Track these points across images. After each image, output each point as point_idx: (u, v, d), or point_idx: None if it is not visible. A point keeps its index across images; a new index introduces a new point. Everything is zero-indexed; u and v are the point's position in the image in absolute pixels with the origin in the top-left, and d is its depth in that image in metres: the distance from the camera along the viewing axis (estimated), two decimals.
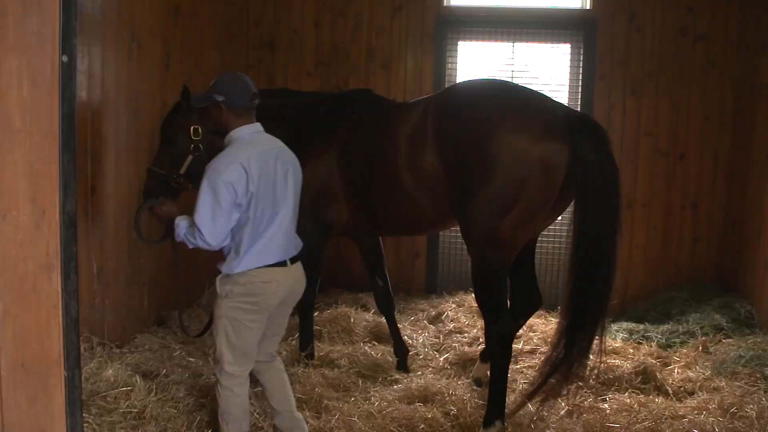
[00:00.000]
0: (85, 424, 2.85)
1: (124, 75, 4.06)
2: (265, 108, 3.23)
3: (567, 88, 5.97)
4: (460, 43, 6.15)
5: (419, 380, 3.91)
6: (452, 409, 3.48)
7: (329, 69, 6.29)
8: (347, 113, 4.06)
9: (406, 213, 3.71)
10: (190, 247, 2.83)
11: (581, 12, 5.92)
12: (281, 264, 2.89)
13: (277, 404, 3.08)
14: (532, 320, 5.22)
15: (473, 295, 5.58)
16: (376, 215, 3.87)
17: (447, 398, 3.62)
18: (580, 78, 5.89)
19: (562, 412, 3.54)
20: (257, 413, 3.39)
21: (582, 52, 5.89)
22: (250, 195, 2.75)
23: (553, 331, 4.87)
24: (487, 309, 3.33)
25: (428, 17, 6.08)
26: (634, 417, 3.42)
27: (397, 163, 3.58)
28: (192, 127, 3.59)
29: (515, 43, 6.03)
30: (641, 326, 5.11)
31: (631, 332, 5.03)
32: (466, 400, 3.57)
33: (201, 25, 5.28)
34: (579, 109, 5.87)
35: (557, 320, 5.09)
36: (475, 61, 6.16)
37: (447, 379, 4.03)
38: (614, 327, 5.18)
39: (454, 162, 3.32)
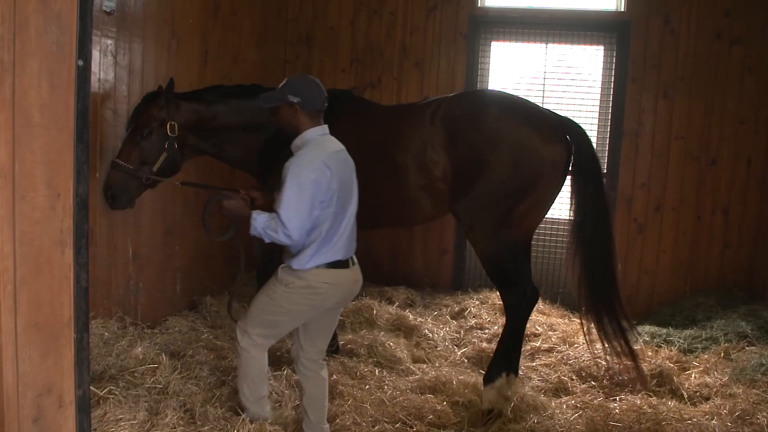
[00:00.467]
0: (112, 396, 3.08)
1: (164, 70, 4.28)
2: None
3: (599, 90, 5.97)
4: (493, 43, 6.21)
5: (434, 372, 4.03)
6: (460, 400, 3.58)
7: (363, 66, 6.44)
8: (336, 112, 3.88)
9: (405, 209, 3.90)
10: (267, 240, 2.88)
11: (615, 14, 5.91)
12: (344, 264, 2.99)
13: (312, 413, 3.13)
14: (553, 320, 5.30)
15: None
16: (371, 212, 3.80)
17: (457, 390, 3.74)
18: (612, 80, 5.89)
19: (568, 408, 3.61)
20: (276, 393, 3.56)
21: (615, 54, 5.89)
22: (332, 192, 2.84)
23: (573, 331, 4.96)
24: (502, 284, 3.74)
25: (462, 17, 6.16)
26: (638, 418, 3.46)
27: (406, 164, 3.75)
28: (169, 123, 3.64)
29: (548, 44, 6.06)
30: (664, 330, 5.11)
31: (653, 336, 5.04)
32: (475, 392, 3.67)
33: (239, 22, 5.49)
34: (611, 111, 5.89)
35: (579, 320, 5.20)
36: (508, 62, 6.22)
37: (463, 373, 4.13)
38: (636, 330, 5.20)
39: (471, 163, 3.61)
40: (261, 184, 4.02)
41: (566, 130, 3.71)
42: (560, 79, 6.03)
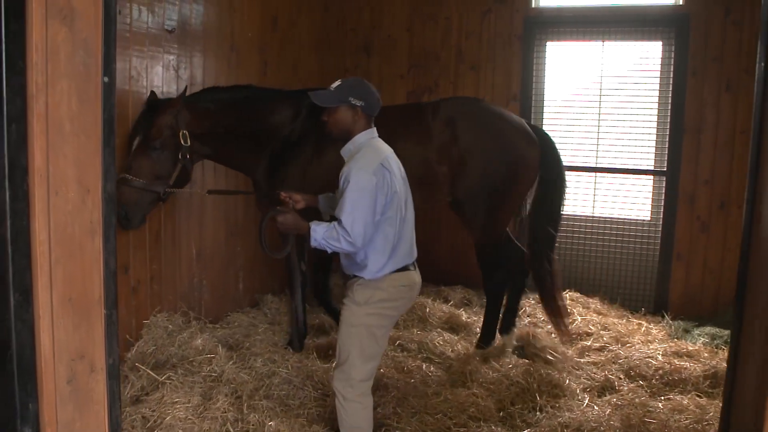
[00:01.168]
0: (170, 381, 3.38)
1: (224, 81, 4.59)
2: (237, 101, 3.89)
3: (657, 86, 5.87)
4: (548, 43, 6.22)
5: (482, 369, 4.11)
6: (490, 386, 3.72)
7: (421, 71, 6.59)
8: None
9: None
10: (329, 251, 2.82)
11: (673, 7, 5.79)
12: (410, 267, 2.98)
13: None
14: (610, 320, 5.25)
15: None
16: None
17: (501, 386, 3.83)
18: (672, 75, 5.77)
19: (609, 406, 3.62)
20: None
21: (674, 49, 5.77)
22: (392, 195, 2.82)
23: (627, 331, 4.92)
24: (487, 270, 4.49)
25: (516, 19, 6.20)
26: (677, 416, 3.43)
27: (410, 159, 4.01)
28: (182, 132, 3.57)
29: (604, 42, 6.01)
30: (726, 332, 4.97)
31: (713, 337, 4.92)
32: (502, 384, 3.82)
33: (298, 34, 5.77)
34: (671, 106, 5.77)
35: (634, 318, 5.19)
36: (564, 62, 6.21)
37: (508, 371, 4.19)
38: (696, 331, 5.08)
39: (473, 159, 4.24)
40: (263, 185, 4.10)
41: (536, 134, 4.48)
42: (618, 76, 5.96)
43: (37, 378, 1.38)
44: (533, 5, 6.17)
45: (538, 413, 3.57)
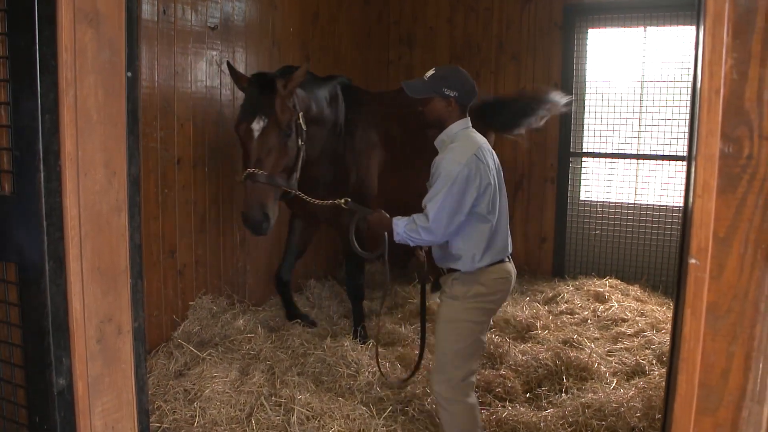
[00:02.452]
0: (210, 357, 3.62)
1: None
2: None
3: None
4: (589, 31, 6.19)
5: (513, 352, 4.20)
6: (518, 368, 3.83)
7: (462, 62, 6.64)
8: (353, 100, 4.23)
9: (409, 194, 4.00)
10: (412, 245, 2.77)
11: None
12: (505, 259, 2.88)
13: None
14: (649, 306, 5.21)
15: (595, 279, 5.75)
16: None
17: (530, 368, 3.91)
18: None
19: (635, 388, 3.66)
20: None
21: None
22: (486, 186, 2.73)
23: (665, 318, 4.89)
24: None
25: (556, 7, 6.20)
26: None
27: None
28: (300, 115, 3.35)
29: (647, 28, 5.94)
30: None
31: None
32: (530, 366, 3.91)
33: (339, 28, 5.94)
34: None
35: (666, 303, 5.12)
36: (605, 49, 6.16)
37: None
38: None
39: None
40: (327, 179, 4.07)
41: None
42: (661, 62, 5.88)
43: (69, 336, 1.59)
44: None
45: (563, 395, 3.64)
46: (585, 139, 6.21)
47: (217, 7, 4.30)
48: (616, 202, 6.11)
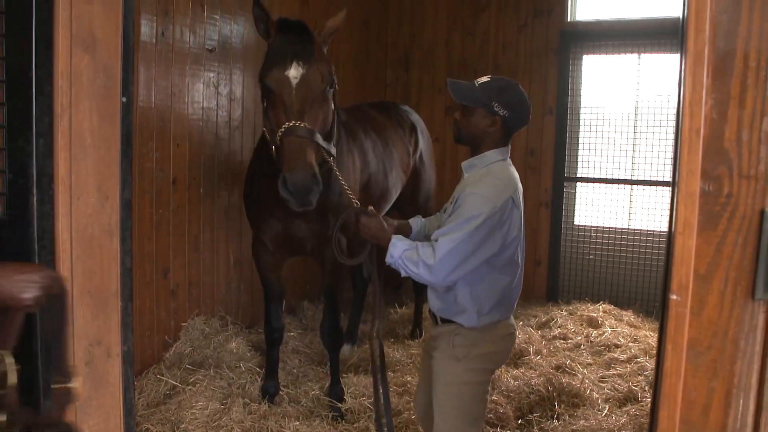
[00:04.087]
0: (190, 388, 3.59)
1: None
2: None
3: None
4: (584, 56, 6.26)
5: (505, 378, 4.19)
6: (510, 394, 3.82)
7: None
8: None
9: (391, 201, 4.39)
10: (404, 274, 2.31)
11: None
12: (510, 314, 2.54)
13: None
14: (642, 332, 5.21)
15: (588, 304, 5.76)
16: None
17: (521, 394, 3.91)
18: None
19: (627, 415, 3.65)
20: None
21: None
22: (516, 240, 2.40)
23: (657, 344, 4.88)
24: None
25: (552, 32, 6.28)
26: None
27: (402, 167, 4.35)
28: (335, 84, 2.93)
29: (641, 55, 6.01)
30: None
31: None
32: (522, 392, 3.90)
33: (337, 48, 5.99)
34: None
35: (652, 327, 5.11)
36: (600, 74, 6.23)
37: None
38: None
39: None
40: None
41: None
42: (655, 88, 5.95)
43: None
44: (569, 19, 6.23)
45: (555, 421, 3.62)
46: (579, 164, 6.25)
47: (215, 30, 4.34)
48: (610, 227, 6.14)
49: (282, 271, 3.81)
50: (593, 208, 6.22)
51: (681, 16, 0.94)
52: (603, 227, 6.16)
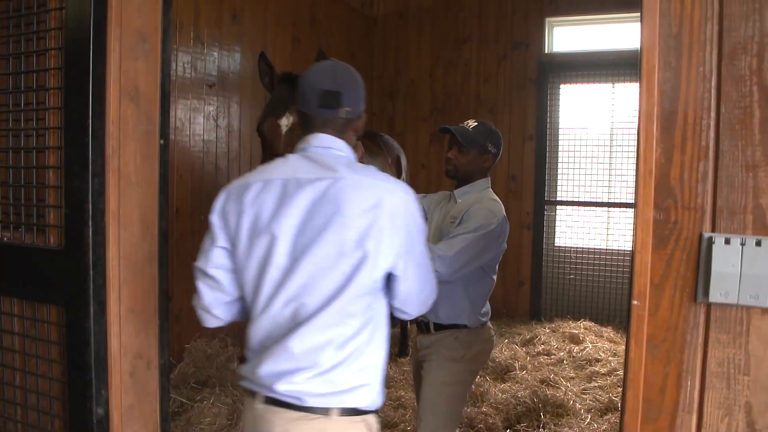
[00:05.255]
0: (213, 396, 3.79)
1: None
2: None
3: None
4: (562, 86, 6.61)
5: (494, 390, 4.43)
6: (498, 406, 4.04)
7: (442, 114, 7.04)
8: None
9: None
10: None
11: None
12: None
13: None
14: (620, 347, 5.49)
15: (570, 322, 6.02)
16: None
17: (509, 406, 4.14)
18: None
19: (608, 424, 3.90)
20: None
21: None
22: (501, 254, 2.69)
23: None
24: None
25: (530, 64, 6.63)
26: None
27: None
28: None
29: (615, 84, 6.37)
30: None
31: None
32: (510, 404, 4.12)
33: None
34: None
35: None
36: (576, 103, 6.58)
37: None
38: None
39: None
40: None
41: None
42: (628, 115, 6.30)
43: (107, 370, 1.80)
44: (546, 50, 6.59)
45: (541, 430, 3.86)
46: (559, 187, 6.56)
47: (215, 66, 4.60)
48: (589, 248, 6.44)
49: None
50: (573, 230, 6.53)
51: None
52: (583, 248, 6.47)
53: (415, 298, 1.72)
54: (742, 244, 1.11)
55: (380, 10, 7.33)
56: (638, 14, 1.17)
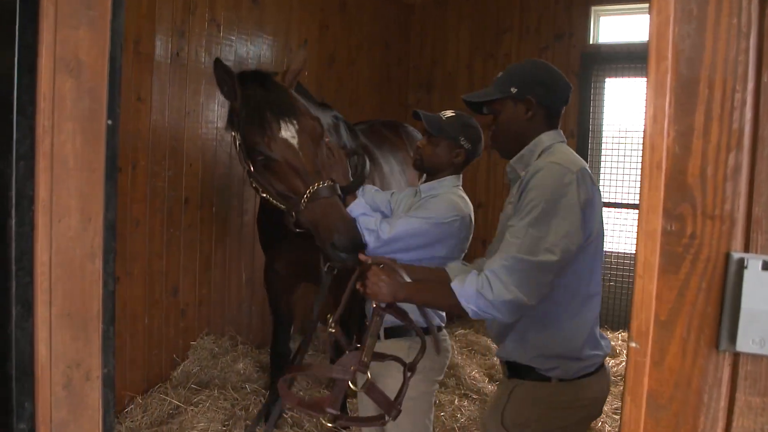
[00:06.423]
0: (210, 399, 3.58)
1: None
2: None
3: None
4: (607, 80, 6.18)
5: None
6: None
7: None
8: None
9: None
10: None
11: None
12: None
13: None
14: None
15: (608, 332, 5.61)
16: None
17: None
18: None
19: None
20: None
21: None
22: (462, 251, 2.56)
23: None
24: None
25: (574, 55, 6.21)
26: None
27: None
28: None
29: None
30: None
31: None
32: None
33: (357, 71, 6.01)
34: None
35: None
36: (622, 97, 6.14)
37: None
38: None
39: None
40: None
41: None
42: None
43: (34, 381, 1.57)
44: (591, 41, 6.16)
45: None
46: (601, 188, 6.13)
47: (231, 50, 4.38)
48: (624, 253, 5.99)
49: (293, 297, 3.74)
50: (618, 234, 6.08)
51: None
52: (619, 252, 6.03)
53: None
54: None
55: None
56: None
